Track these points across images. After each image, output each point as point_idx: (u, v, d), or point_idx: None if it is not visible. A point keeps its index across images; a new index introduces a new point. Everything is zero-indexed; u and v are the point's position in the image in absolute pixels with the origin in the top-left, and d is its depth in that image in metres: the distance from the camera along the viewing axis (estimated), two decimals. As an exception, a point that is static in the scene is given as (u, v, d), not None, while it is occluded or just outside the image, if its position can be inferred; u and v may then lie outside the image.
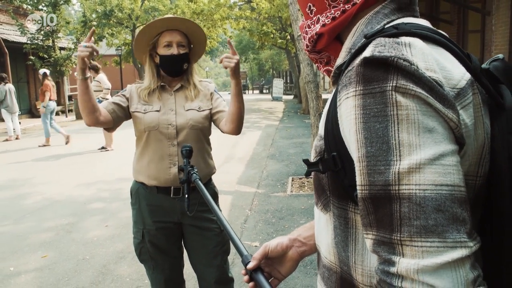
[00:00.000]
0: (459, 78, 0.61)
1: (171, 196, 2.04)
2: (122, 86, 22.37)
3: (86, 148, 9.33)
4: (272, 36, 19.87)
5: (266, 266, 0.94)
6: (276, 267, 0.95)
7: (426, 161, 0.54)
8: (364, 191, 0.58)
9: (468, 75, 0.62)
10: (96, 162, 7.96)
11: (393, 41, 0.58)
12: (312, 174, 0.75)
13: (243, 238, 4.05)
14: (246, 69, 46.03)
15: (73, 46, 15.81)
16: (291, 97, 27.19)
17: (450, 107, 0.56)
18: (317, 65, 0.86)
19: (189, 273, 2.58)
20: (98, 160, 8.20)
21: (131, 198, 2.14)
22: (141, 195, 2.08)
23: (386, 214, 0.56)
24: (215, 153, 2.34)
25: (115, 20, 21.31)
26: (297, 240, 0.94)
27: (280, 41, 20.43)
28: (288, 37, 19.46)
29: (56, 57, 14.78)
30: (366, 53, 0.58)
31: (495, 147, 0.62)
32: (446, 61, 0.61)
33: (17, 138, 11.20)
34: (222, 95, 2.21)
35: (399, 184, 0.54)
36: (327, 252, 0.74)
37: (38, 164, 7.95)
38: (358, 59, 0.60)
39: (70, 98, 19.57)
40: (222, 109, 2.10)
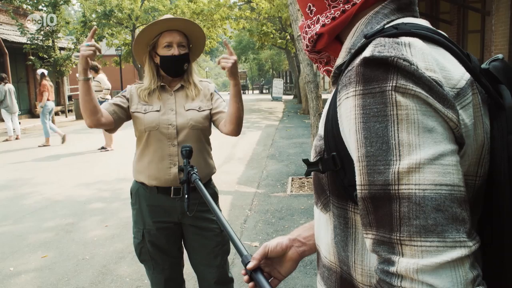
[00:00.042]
0: (459, 78, 0.61)
1: (171, 196, 2.04)
2: (122, 86, 22.38)
3: (86, 148, 9.34)
4: (272, 36, 19.89)
5: (265, 266, 0.95)
6: (275, 267, 0.95)
7: (425, 161, 0.54)
8: (363, 191, 0.58)
9: (467, 75, 0.62)
10: (96, 162, 7.96)
11: (393, 41, 0.58)
12: (312, 174, 0.75)
13: (243, 238, 4.05)
14: (246, 69, 46.04)
15: (73, 46, 15.81)
16: (291, 97, 27.22)
17: (449, 107, 0.56)
18: (317, 65, 0.86)
19: (189, 273, 2.59)
20: (98, 160, 8.20)
21: (131, 198, 2.15)
22: (141, 195, 2.09)
23: (386, 214, 0.56)
24: (215, 153, 2.34)
25: (115, 20, 21.32)
26: (296, 240, 0.95)
27: (280, 41, 20.45)
28: (288, 37, 19.47)
29: (56, 57, 14.78)
30: (366, 53, 0.58)
31: (495, 147, 0.62)
32: (445, 61, 0.61)
33: (17, 138, 11.20)
34: (222, 95, 2.21)
35: (399, 183, 0.54)
36: (327, 252, 0.75)
37: (38, 164, 7.95)
38: (358, 59, 0.60)
39: (70, 98, 19.57)
40: (222, 110, 2.10)
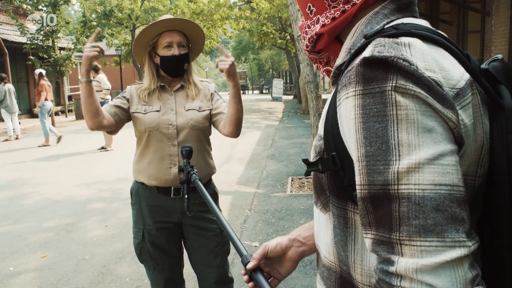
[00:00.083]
0: (458, 78, 0.61)
1: (171, 196, 2.04)
2: (121, 86, 22.37)
3: (86, 148, 9.34)
4: (272, 36, 19.89)
5: (265, 266, 0.95)
6: (275, 267, 0.95)
7: (425, 160, 0.54)
8: (363, 191, 0.58)
9: (467, 75, 0.62)
10: (96, 162, 7.96)
11: (392, 41, 0.58)
12: (311, 174, 0.75)
13: (243, 238, 4.05)
14: (246, 69, 46.03)
15: (73, 46, 15.80)
16: (291, 97, 27.18)
17: (449, 107, 0.56)
18: (316, 65, 0.86)
19: (189, 273, 2.59)
20: (98, 160, 8.20)
21: (131, 198, 2.15)
22: (141, 195, 2.09)
23: (385, 214, 0.56)
24: (215, 153, 2.34)
25: (115, 20, 21.32)
26: (296, 240, 0.95)
27: (280, 41, 20.45)
28: (288, 37, 19.47)
29: (56, 57, 14.76)
30: (366, 53, 0.59)
31: (494, 147, 0.62)
32: (445, 61, 0.61)
33: (17, 138, 11.20)
34: (222, 96, 2.21)
35: (398, 183, 0.55)
36: (327, 251, 0.75)
37: (38, 164, 7.95)
38: (357, 59, 0.60)
39: (70, 98, 19.55)
40: (222, 111, 2.10)
